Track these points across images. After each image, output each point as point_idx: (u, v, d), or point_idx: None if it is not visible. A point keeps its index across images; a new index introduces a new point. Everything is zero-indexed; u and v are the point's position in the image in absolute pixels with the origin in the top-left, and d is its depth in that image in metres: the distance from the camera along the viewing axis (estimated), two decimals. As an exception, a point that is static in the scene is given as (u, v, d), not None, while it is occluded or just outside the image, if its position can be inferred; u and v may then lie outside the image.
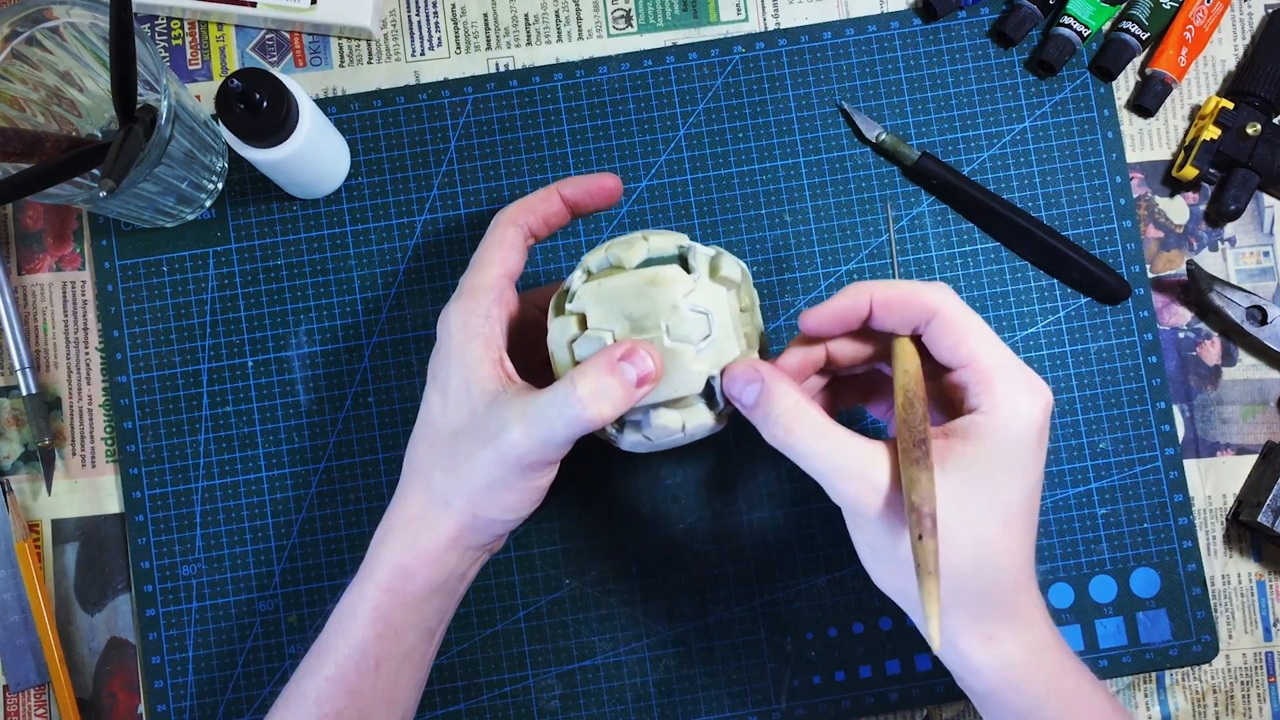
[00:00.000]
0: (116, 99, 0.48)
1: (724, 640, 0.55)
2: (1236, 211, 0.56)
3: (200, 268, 0.57)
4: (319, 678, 0.44)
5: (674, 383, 0.42)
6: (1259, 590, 0.57)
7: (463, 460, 0.43)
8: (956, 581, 0.39)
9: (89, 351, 0.57)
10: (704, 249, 0.44)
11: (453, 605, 0.47)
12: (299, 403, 0.56)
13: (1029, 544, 0.41)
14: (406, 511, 0.45)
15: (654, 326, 0.42)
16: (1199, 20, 0.57)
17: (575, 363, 0.43)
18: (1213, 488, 0.57)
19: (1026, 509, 0.40)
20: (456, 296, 0.45)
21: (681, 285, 0.42)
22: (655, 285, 0.42)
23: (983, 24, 0.58)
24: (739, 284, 0.45)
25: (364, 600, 0.44)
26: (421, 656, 0.46)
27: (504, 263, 0.46)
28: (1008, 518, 0.39)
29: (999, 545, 0.39)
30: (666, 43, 0.58)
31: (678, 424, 0.43)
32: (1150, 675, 0.57)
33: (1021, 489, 0.40)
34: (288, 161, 0.51)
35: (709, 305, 0.42)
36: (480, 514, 0.44)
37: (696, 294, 0.42)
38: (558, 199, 0.48)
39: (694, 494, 0.56)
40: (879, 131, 0.56)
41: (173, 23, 0.58)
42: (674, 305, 0.42)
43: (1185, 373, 0.57)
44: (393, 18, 0.58)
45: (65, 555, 0.56)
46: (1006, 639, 0.40)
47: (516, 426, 0.41)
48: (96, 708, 0.56)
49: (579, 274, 0.44)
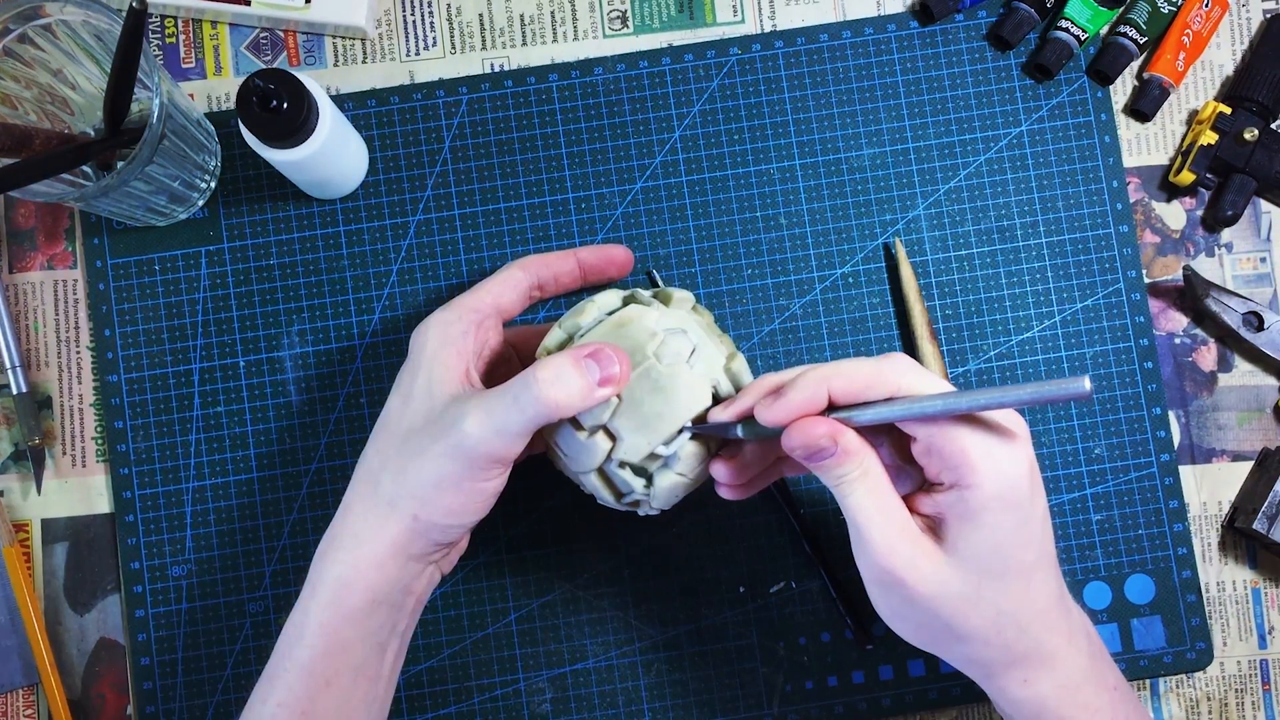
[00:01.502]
0: (107, 114, 0.49)
1: (716, 644, 0.55)
2: (1233, 217, 0.56)
3: (192, 267, 0.56)
4: (271, 704, 0.43)
5: (683, 401, 0.42)
6: (1254, 597, 0.57)
7: (412, 457, 0.42)
8: (985, 647, 0.40)
9: (80, 350, 0.57)
10: (645, 291, 0.46)
11: (404, 618, 0.46)
12: (291, 403, 0.56)
13: (1054, 581, 0.42)
14: (348, 520, 0.44)
15: (643, 357, 0.42)
16: (1197, 25, 0.57)
17: None
18: (1208, 494, 0.57)
19: (1043, 551, 0.41)
20: (440, 309, 0.45)
21: (649, 316, 0.44)
22: (626, 325, 0.43)
23: (980, 27, 0.58)
24: (692, 303, 0.47)
25: (308, 618, 0.43)
26: (375, 672, 0.45)
27: (499, 295, 0.46)
28: (1028, 576, 0.40)
29: (1024, 604, 0.40)
30: (662, 44, 0.58)
31: (705, 452, 0.44)
32: (1144, 682, 0.56)
33: (1033, 541, 0.40)
34: (308, 162, 0.51)
35: (681, 324, 0.44)
36: (422, 515, 0.43)
37: (665, 318, 0.44)
38: (574, 260, 0.50)
39: (687, 497, 0.55)
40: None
41: (166, 21, 0.58)
42: (652, 333, 0.43)
43: (1181, 378, 0.57)
44: (387, 17, 0.58)
45: (55, 555, 0.56)
46: (1041, 680, 0.41)
47: (472, 416, 0.41)
48: (85, 709, 0.55)
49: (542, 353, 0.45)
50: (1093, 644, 0.43)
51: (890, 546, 0.39)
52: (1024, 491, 0.39)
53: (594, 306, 0.45)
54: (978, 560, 0.39)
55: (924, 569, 0.39)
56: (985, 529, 0.39)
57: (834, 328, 0.56)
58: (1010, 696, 0.42)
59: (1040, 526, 0.40)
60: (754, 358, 0.56)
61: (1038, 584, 0.40)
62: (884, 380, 0.39)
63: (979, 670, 0.42)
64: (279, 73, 0.48)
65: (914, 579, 0.39)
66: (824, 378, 0.39)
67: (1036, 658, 0.41)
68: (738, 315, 0.56)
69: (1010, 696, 0.42)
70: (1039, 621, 0.41)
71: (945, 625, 0.40)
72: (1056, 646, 0.41)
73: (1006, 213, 0.57)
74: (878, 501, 0.39)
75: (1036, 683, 0.41)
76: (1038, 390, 0.35)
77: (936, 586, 0.39)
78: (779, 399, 0.40)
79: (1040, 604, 0.41)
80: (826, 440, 0.39)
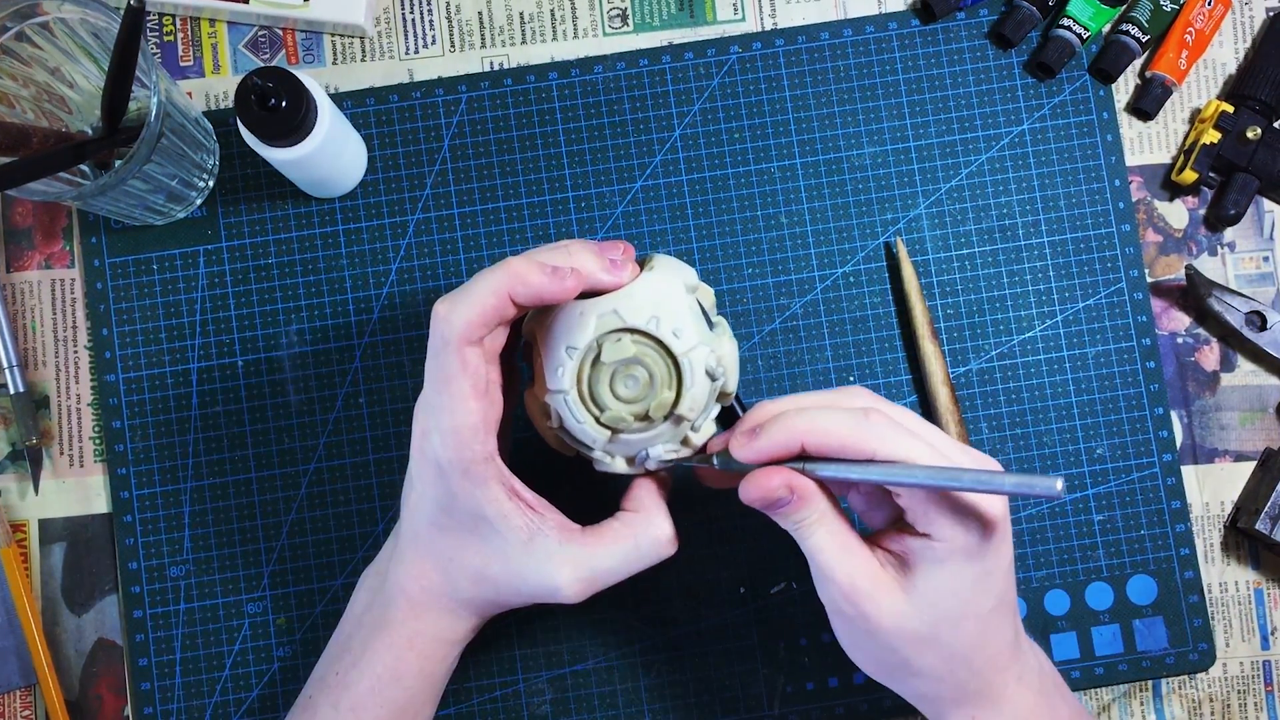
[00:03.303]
0: (105, 113, 0.48)
1: (717, 645, 0.55)
2: (1236, 216, 0.56)
3: (190, 266, 0.56)
4: None
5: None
6: (1256, 598, 0.56)
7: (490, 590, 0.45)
8: (938, 684, 0.41)
9: (78, 350, 0.57)
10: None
11: None
12: (289, 403, 0.56)
13: (1010, 626, 0.43)
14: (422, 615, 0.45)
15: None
16: (1200, 23, 0.56)
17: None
18: (1210, 494, 0.57)
19: (1003, 600, 0.42)
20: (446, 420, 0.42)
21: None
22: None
23: (981, 25, 0.58)
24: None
25: (403, 663, 0.45)
26: None
27: (474, 382, 0.42)
28: (984, 621, 0.41)
29: (977, 648, 0.41)
30: (662, 42, 0.58)
31: None
32: (1146, 683, 0.56)
33: (993, 591, 0.41)
34: (306, 161, 0.50)
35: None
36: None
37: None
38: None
39: (686, 497, 0.55)
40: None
41: (164, 19, 0.58)
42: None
43: (1183, 378, 0.57)
44: (386, 15, 0.58)
45: (52, 555, 0.56)
46: (988, 718, 0.42)
47: (565, 571, 0.43)
48: (83, 709, 0.55)
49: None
50: (1044, 679, 0.44)
51: (852, 581, 0.40)
52: (990, 548, 0.40)
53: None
54: (936, 603, 0.40)
55: (884, 604, 0.40)
56: (947, 576, 0.40)
57: (835, 327, 0.56)
58: None
59: (1004, 578, 0.41)
60: (754, 357, 0.56)
61: (993, 629, 0.41)
62: (863, 443, 0.39)
63: (929, 707, 0.43)
64: (277, 71, 0.48)
65: (875, 612, 0.40)
66: (802, 430, 0.40)
67: (986, 697, 0.42)
68: (738, 315, 0.56)
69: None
70: (990, 665, 0.42)
71: (902, 660, 0.41)
72: (1004, 685, 0.42)
73: (1008, 211, 0.57)
74: (838, 540, 0.41)
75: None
76: (1017, 482, 0.36)
77: (896, 620, 0.40)
78: (754, 439, 0.41)
79: (993, 648, 0.42)
80: (783, 491, 0.40)
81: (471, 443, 0.41)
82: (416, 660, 0.45)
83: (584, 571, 0.42)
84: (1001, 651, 0.42)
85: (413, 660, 0.44)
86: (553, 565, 0.42)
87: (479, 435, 0.41)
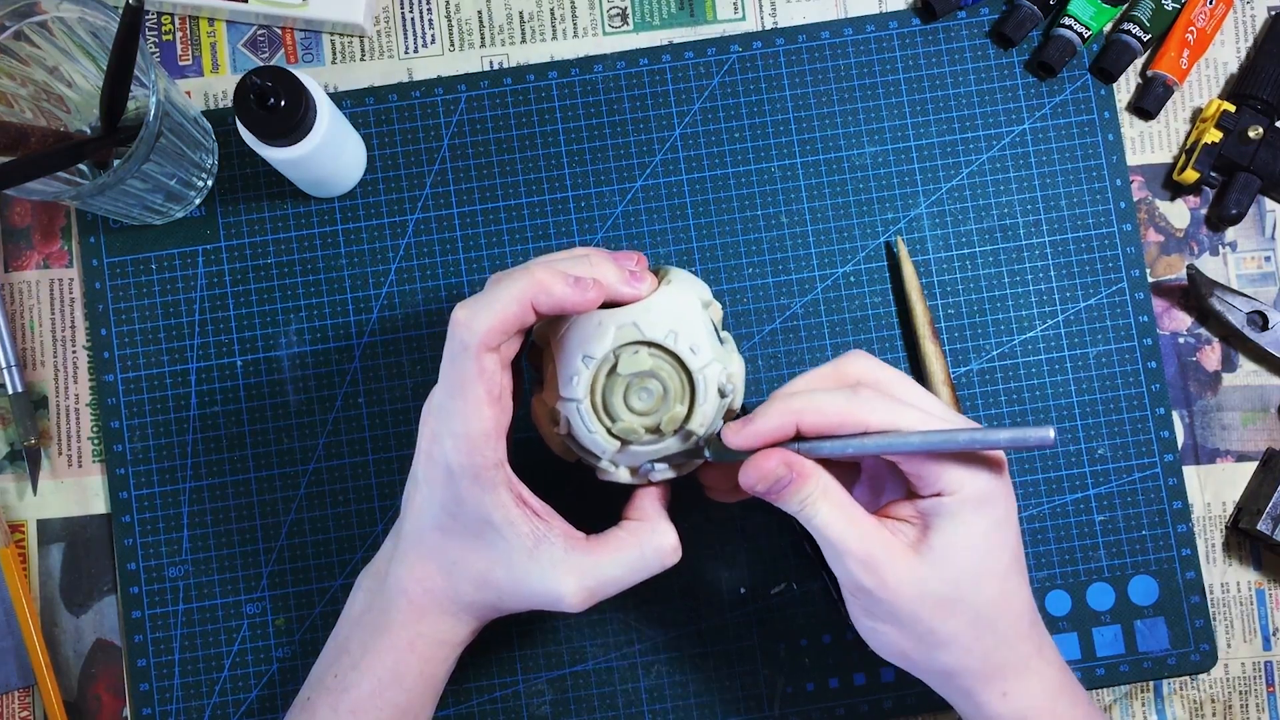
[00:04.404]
0: (104, 112, 0.48)
1: (717, 646, 0.55)
2: (1238, 216, 0.55)
3: (189, 266, 0.56)
4: None
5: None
6: (1258, 599, 0.56)
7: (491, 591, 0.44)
8: (966, 655, 0.41)
9: (76, 350, 0.57)
10: None
11: None
12: (288, 403, 0.56)
13: (1027, 591, 0.43)
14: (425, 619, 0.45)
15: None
16: (1201, 22, 0.56)
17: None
18: (1212, 495, 0.56)
19: (1016, 557, 0.42)
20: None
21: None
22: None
23: (982, 24, 0.57)
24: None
25: (408, 667, 0.45)
26: None
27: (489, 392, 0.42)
28: (1003, 579, 0.41)
29: (1000, 608, 0.41)
30: (663, 41, 0.58)
31: None
32: (1148, 684, 0.56)
33: (1008, 545, 0.41)
34: (305, 160, 0.50)
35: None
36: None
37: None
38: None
39: (686, 498, 0.55)
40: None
41: (163, 18, 0.58)
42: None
43: (1185, 378, 0.57)
44: (386, 14, 0.58)
45: (50, 556, 0.56)
46: (1019, 693, 0.42)
47: (569, 580, 0.43)
48: (81, 710, 0.55)
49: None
50: (1059, 657, 0.44)
51: (868, 550, 0.40)
52: (1000, 495, 0.40)
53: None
54: (954, 558, 0.40)
55: (902, 570, 0.40)
56: (962, 526, 0.40)
57: (835, 327, 0.56)
58: (991, 712, 0.42)
59: (1014, 534, 0.41)
60: (755, 357, 0.56)
61: (1012, 589, 0.41)
62: (855, 417, 0.40)
63: (957, 685, 0.42)
64: (277, 70, 0.48)
65: (894, 580, 0.40)
66: (795, 410, 0.40)
67: (1013, 669, 0.42)
68: (738, 315, 0.56)
69: (991, 712, 0.42)
70: (1014, 629, 0.42)
71: (927, 630, 0.40)
72: (1029, 656, 0.42)
73: (1009, 211, 0.57)
74: (845, 514, 0.40)
75: (1016, 696, 0.42)
76: (1011, 436, 0.38)
77: (917, 585, 0.40)
78: (747, 424, 0.40)
79: (1015, 610, 0.42)
80: (782, 469, 0.40)
81: (484, 449, 0.41)
82: (417, 662, 0.44)
83: (588, 580, 0.42)
84: (1023, 616, 0.42)
85: (413, 662, 0.44)
86: (557, 573, 0.42)
87: (491, 441, 0.41)
